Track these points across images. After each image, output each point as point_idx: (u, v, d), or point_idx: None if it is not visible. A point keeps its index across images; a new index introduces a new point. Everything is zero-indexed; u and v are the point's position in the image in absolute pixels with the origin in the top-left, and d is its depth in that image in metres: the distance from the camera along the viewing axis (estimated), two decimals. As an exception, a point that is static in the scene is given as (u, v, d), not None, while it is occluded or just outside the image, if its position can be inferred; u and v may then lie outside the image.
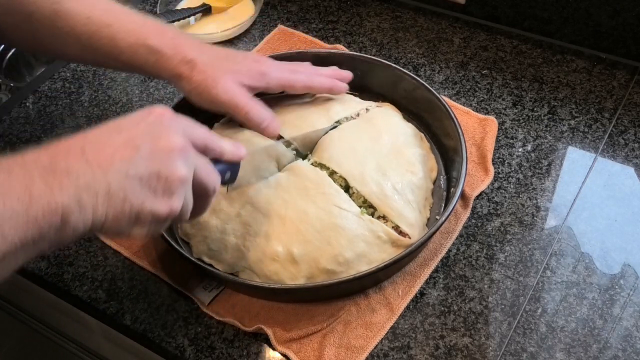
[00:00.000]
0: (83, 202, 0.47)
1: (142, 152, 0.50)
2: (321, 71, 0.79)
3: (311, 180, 0.70)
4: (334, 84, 0.78)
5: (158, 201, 0.51)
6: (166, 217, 0.52)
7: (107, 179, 0.48)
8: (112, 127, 0.52)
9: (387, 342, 0.67)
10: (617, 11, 0.88)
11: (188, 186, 0.53)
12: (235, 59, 0.73)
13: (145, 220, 0.51)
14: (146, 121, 0.52)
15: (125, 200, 0.49)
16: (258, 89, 0.73)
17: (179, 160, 0.51)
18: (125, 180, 0.49)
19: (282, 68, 0.75)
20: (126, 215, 0.49)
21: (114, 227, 0.49)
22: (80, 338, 0.87)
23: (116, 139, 0.50)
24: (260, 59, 0.75)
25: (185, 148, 0.52)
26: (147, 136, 0.51)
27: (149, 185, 0.50)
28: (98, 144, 0.49)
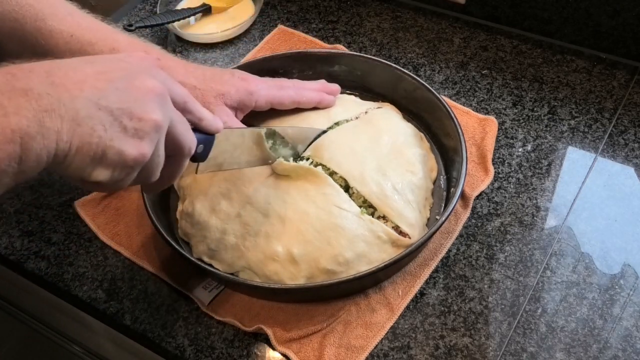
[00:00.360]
0: (45, 126, 0.42)
1: (116, 85, 0.46)
2: (308, 85, 0.79)
3: (311, 181, 0.70)
4: (322, 97, 0.78)
5: (127, 141, 0.46)
6: (134, 161, 0.47)
7: (74, 104, 0.44)
8: (85, 59, 0.48)
9: (387, 342, 0.67)
10: (617, 11, 0.88)
11: (161, 135, 0.49)
12: (222, 79, 0.72)
13: (110, 160, 0.46)
14: (124, 60, 0.49)
15: (93, 131, 0.44)
16: (248, 109, 0.73)
17: (154, 103, 0.48)
18: (94, 109, 0.44)
19: (269, 85, 0.75)
20: (92, 149, 0.45)
21: (77, 161, 0.45)
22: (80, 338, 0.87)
23: (88, 69, 0.46)
24: (246, 76, 0.74)
25: (163, 93, 0.49)
26: (123, 72, 0.47)
27: (119, 122, 0.46)
28: (68, 69, 0.45)
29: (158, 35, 1.02)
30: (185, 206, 0.74)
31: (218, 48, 0.99)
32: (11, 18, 0.67)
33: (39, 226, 0.79)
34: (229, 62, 0.97)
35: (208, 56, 0.98)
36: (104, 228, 0.77)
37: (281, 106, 0.76)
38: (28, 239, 0.78)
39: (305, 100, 0.77)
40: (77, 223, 0.79)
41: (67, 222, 0.79)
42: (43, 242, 0.78)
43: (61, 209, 0.80)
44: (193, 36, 1.00)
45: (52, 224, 0.79)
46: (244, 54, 0.98)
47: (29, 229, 0.79)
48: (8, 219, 0.80)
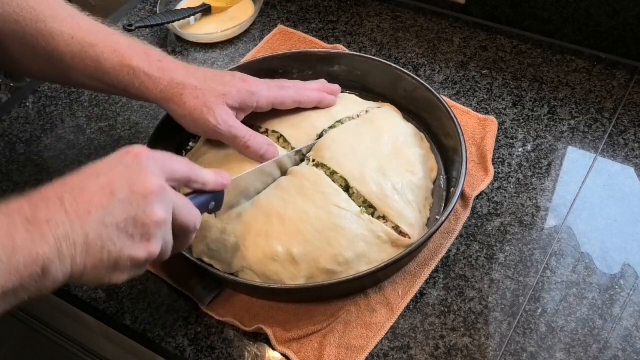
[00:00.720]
0: (62, 252, 0.48)
1: (119, 197, 0.50)
2: (309, 85, 0.79)
3: (309, 180, 0.70)
4: (322, 97, 0.78)
5: (136, 246, 0.51)
6: (145, 261, 0.52)
7: (84, 229, 0.49)
8: (90, 172, 0.52)
9: (387, 342, 0.67)
10: (617, 11, 0.88)
11: (166, 228, 0.54)
12: (223, 80, 0.72)
13: (124, 267, 0.51)
14: (123, 163, 0.53)
15: (103, 249, 0.50)
16: (250, 109, 0.73)
17: (155, 204, 0.52)
18: (102, 228, 0.49)
19: (270, 85, 0.75)
20: (105, 264, 0.50)
21: (93, 275, 0.50)
22: (80, 338, 0.87)
23: (93, 185, 0.51)
24: (247, 78, 0.74)
25: (162, 190, 0.53)
26: (123, 180, 0.51)
27: (126, 232, 0.51)
28: (76, 192, 0.50)
29: (158, 35, 1.02)
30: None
31: (218, 48, 0.99)
32: (12, 20, 0.67)
33: (39, 226, 0.79)
34: (229, 62, 0.97)
35: (208, 56, 0.98)
36: (104, 228, 0.77)
37: (282, 106, 0.76)
38: (28, 239, 0.78)
39: (306, 100, 0.77)
40: (77, 223, 0.79)
41: (67, 222, 0.79)
42: (43, 242, 0.77)
43: (61, 209, 0.80)
44: (193, 36, 1.00)
45: (52, 224, 0.79)
46: (244, 54, 0.98)
47: (29, 229, 0.79)
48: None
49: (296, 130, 0.76)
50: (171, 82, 0.69)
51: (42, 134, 0.89)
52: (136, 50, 0.70)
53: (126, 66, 0.68)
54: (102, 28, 0.71)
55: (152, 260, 0.53)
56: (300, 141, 0.76)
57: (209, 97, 0.69)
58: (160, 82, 0.69)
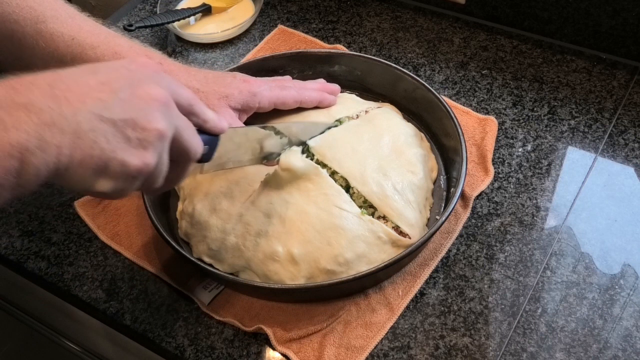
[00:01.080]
0: (46, 140, 0.42)
1: (120, 96, 0.46)
2: (309, 85, 0.79)
3: (313, 181, 0.70)
4: (323, 96, 0.78)
5: (131, 152, 0.46)
6: (137, 171, 0.47)
7: (76, 118, 0.43)
8: (87, 68, 0.47)
9: (387, 342, 0.67)
10: (617, 11, 0.88)
11: (165, 143, 0.49)
12: (225, 82, 0.72)
13: (113, 172, 0.46)
14: (127, 68, 0.49)
15: (94, 143, 0.44)
16: (252, 110, 0.73)
17: (158, 112, 0.47)
18: (97, 121, 0.44)
19: (272, 86, 0.75)
20: (94, 161, 0.45)
21: (79, 173, 0.45)
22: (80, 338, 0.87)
23: (91, 80, 0.46)
24: (248, 78, 0.74)
25: (167, 101, 0.49)
26: (126, 81, 0.47)
27: (122, 133, 0.46)
28: (70, 81, 0.45)
29: (158, 35, 1.02)
30: (185, 206, 0.74)
31: (218, 48, 0.99)
32: (11, 20, 0.67)
33: (39, 226, 0.79)
34: (229, 62, 0.97)
35: (208, 56, 0.98)
36: (104, 228, 0.78)
37: (284, 106, 0.76)
38: (28, 239, 0.78)
39: (307, 100, 0.77)
40: (77, 223, 0.79)
41: (67, 222, 0.79)
42: (43, 242, 0.78)
43: (61, 209, 0.80)
44: (193, 36, 1.00)
45: (52, 224, 0.79)
46: (244, 54, 0.98)
47: (29, 229, 0.79)
48: (8, 219, 0.80)
49: None
50: None
51: (42, 134, 0.89)
52: (137, 52, 0.69)
53: None
54: (103, 30, 0.70)
55: (144, 177, 0.48)
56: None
57: (212, 100, 0.69)
58: None
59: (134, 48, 0.70)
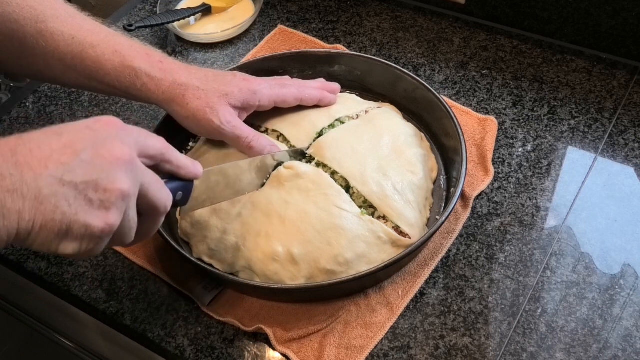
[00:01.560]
0: (7, 206, 0.43)
1: (82, 157, 0.46)
2: (309, 84, 0.79)
3: (313, 181, 0.70)
4: (323, 95, 0.78)
5: (93, 213, 0.46)
6: (101, 232, 0.47)
7: (37, 183, 0.44)
8: (52, 130, 0.48)
9: (387, 342, 0.67)
10: (617, 11, 0.88)
11: (130, 202, 0.49)
12: (225, 80, 0.72)
13: (77, 234, 0.46)
14: (92, 128, 0.49)
15: (56, 208, 0.45)
16: (252, 108, 0.73)
17: (121, 172, 0.47)
18: (58, 185, 0.45)
19: (272, 84, 0.75)
20: (57, 225, 0.45)
21: (42, 237, 0.45)
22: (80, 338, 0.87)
23: (54, 142, 0.46)
24: (248, 77, 0.74)
25: (131, 159, 0.49)
26: (89, 142, 0.47)
27: (84, 195, 0.46)
28: (33, 146, 0.45)
29: (158, 35, 1.02)
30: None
31: (218, 48, 0.99)
32: (12, 19, 0.67)
33: (39, 226, 0.79)
34: (229, 62, 0.97)
35: (208, 56, 0.98)
36: (104, 228, 0.77)
37: (284, 104, 0.76)
38: (28, 239, 0.78)
39: (307, 98, 0.77)
40: (77, 223, 0.79)
41: (67, 222, 0.79)
42: (43, 242, 0.77)
43: (61, 209, 0.80)
44: (193, 36, 1.00)
45: (52, 224, 0.79)
46: (244, 54, 0.98)
47: (29, 229, 0.79)
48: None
49: (296, 128, 0.76)
50: (173, 83, 0.69)
51: (42, 134, 0.89)
52: (138, 51, 0.70)
53: (128, 67, 0.68)
54: (103, 29, 0.71)
55: (110, 236, 0.48)
56: (300, 139, 0.76)
57: (212, 98, 0.69)
58: (163, 83, 0.69)
59: (134, 47, 0.70)
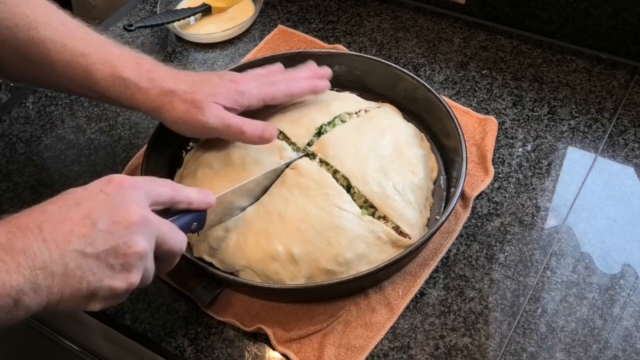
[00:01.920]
0: (38, 282, 0.47)
1: (100, 227, 0.50)
2: (298, 74, 0.78)
3: (314, 180, 0.70)
4: (314, 84, 0.77)
5: (116, 277, 0.51)
6: (125, 292, 0.52)
7: (63, 259, 0.48)
8: (70, 200, 0.52)
9: (387, 342, 0.67)
10: (617, 11, 0.88)
11: (148, 258, 0.53)
12: (212, 82, 0.71)
13: (103, 296, 0.51)
14: (105, 192, 0.52)
15: (82, 279, 0.49)
16: (241, 108, 0.72)
17: (137, 234, 0.51)
18: (82, 259, 0.49)
19: (260, 82, 0.74)
20: (83, 293, 0.50)
21: (70, 304, 0.50)
22: (80, 338, 0.87)
23: (74, 214, 0.50)
24: (236, 77, 0.73)
25: (144, 220, 0.52)
26: (105, 209, 0.51)
27: (106, 262, 0.50)
28: (55, 220, 0.49)
29: (158, 35, 1.02)
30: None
31: (218, 48, 0.99)
32: (4, 26, 0.67)
33: (39, 226, 0.79)
34: (229, 62, 0.97)
35: (208, 56, 0.98)
36: (104, 228, 0.77)
37: (274, 101, 0.75)
38: (28, 239, 0.78)
39: (297, 92, 0.76)
40: (77, 223, 0.79)
41: (67, 222, 0.79)
42: (43, 242, 0.77)
43: (61, 209, 0.80)
44: (193, 36, 1.00)
45: (52, 224, 0.79)
46: (244, 54, 0.98)
47: (29, 229, 0.79)
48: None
49: (295, 126, 0.76)
50: (161, 91, 0.68)
51: (42, 134, 0.89)
52: (128, 60, 0.69)
53: (117, 77, 0.68)
54: (95, 36, 0.70)
55: (132, 290, 0.53)
56: (299, 136, 0.76)
57: (199, 98, 0.69)
58: (151, 92, 0.68)
59: (125, 56, 0.69)
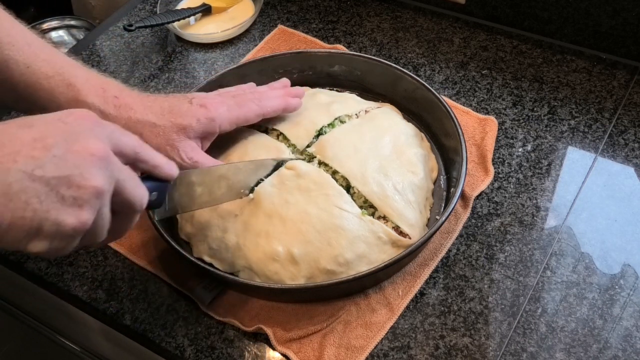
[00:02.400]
0: None
1: (54, 152, 0.44)
2: (270, 93, 0.76)
3: (314, 181, 0.70)
4: (286, 103, 0.76)
5: (66, 211, 0.45)
6: (73, 231, 0.46)
7: (7, 179, 0.42)
8: (22, 122, 0.46)
9: (387, 342, 0.67)
10: (617, 11, 0.88)
11: (104, 200, 0.47)
12: (181, 111, 0.68)
13: (48, 232, 0.45)
14: (64, 121, 0.47)
15: (27, 205, 0.43)
16: (213, 136, 0.71)
17: (96, 168, 0.46)
18: (29, 181, 0.43)
19: (230, 104, 0.72)
20: (26, 223, 0.44)
21: (11, 235, 0.44)
22: (80, 338, 0.87)
23: (25, 135, 0.44)
24: (206, 101, 0.70)
25: (106, 155, 0.47)
26: (62, 136, 0.45)
27: (56, 192, 0.44)
28: (3, 139, 0.44)
29: (158, 35, 1.02)
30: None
31: (218, 48, 0.99)
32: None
33: (39, 226, 0.79)
34: (229, 62, 0.97)
35: (208, 56, 0.98)
36: (104, 228, 0.77)
37: (247, 122, 0.73)
38: (28, 239, 0.78)
39: (270, 111, 0.74)
40: (77, 223, 0.79)
41: (67, 222, 0.79)
42: (43, 242, 0.77)
43: (61, 209, 0.80)
44: (193, 36, 1.00)
45: (52, 224, 0.79)
46: (244, 54, 0.98)
47: (29, 229, 0.79)
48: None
49: (295, 127, 0.76)
50: (128, 121, 0.66)
51: (42, 134, 0.89)
52: (93, 85, 0.66)
53: (81, 102, 0.65)
54: (60, 58, 0.67)
55: (82, 235, 0.47)
56: (299, 138, 0.76)
57: (170, 134, 0.67)
58: (117, 120, 0.66)
59: (91, 80, 0.67)
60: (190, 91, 0.81)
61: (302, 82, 0.86)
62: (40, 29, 1.46)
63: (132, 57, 0.99)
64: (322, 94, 0.82)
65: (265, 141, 0.76)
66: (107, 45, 1.01)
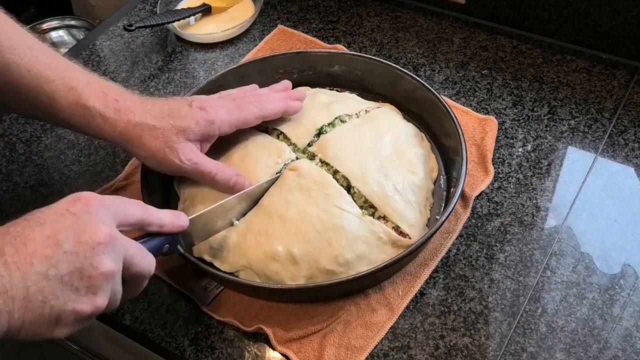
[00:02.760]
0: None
1: (64, 248, 0.48)
2: (271, 96, 0.76)
3: (315, 181, 0.70)
4: (287, 106, 0.76)
5: (81, 300, 0.49)
6: (91, 315, 0.50)
7: (25, 282, 0.46)
8: (34, 220, 0.49)
9: (387, 342, 0.67)
10: (617, 11, 0.88)
11: (115, 280, 0.51)
12: (180, 113, 0.68)
13: (67, 321, 0.49)
14: (71, 211, 0.50)
15: (44, 303, 0.47)
16: (213, 138, 0.71)
17: (103, 255, 0.49)
18: (44, 281, 0.47)
19: (230, 107, 0.71)
20: (45, 319, 0.47)
21: (32, 331, 0.47)
22: (80, 338, 0.87)
23: (37, 235, 0.48)
24: (205, 103, 0.70)
25: (111, 239, 0.50)
26: (70, 229, 0.49)
27: (70, 285, 0.48)
28: (18, 242, 0.47)
29: (158, 35, 1.02)
30: (186, 207, 0.74)
31: (218, 48, 0.99)
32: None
33: (39, 226, 0.79)
34: (229, 62, 0.97)
35: (208, 56, 0.98)
36: (104, 228, 0.77)
37: (247, 125, 0.73)
38: (28, 239, 0.78)
39: (270, 114, 0.74)
40: (77, 223, 0.79)
41: (67, 222, 0.79)
42: (43, 242, 0.77)
43: (61, 209, 0.80)
44: (193, 36, 1.00)
45: (52, 224, 0.79)
46: (244, 54, 0.98)
47: (29, 229, 0.79)
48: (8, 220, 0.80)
49: (296, 126, 0.76)
50: (128, 124, 0.67)
51: (42, 134, 0.89)
52: (94, 88, 0.67)
53: (82, 106, 0.66)
54: (61, 62, 0.68)
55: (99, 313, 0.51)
56: (300, 137, 0.76)
57: (169, 136, 0.67)
58: (117, 123, 0.66)
59: (91, 84, 0.67)
60: (191, 91, 0.81)
61: (302, 82, 0.86)
62: (40, 29, 1.47)
63: (132, 57, 0.99)
64: (322, 93, 0.82)
65: (266, 141, 0.76)
66: (107, 45, 1.01)
